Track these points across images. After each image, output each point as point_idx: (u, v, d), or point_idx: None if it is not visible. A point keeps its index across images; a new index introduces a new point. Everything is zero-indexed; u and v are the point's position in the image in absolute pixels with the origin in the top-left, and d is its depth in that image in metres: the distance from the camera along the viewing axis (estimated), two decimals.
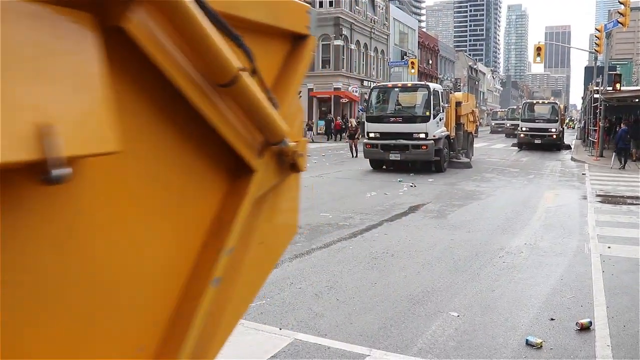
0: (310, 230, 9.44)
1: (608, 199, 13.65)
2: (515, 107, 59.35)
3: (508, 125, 51.14)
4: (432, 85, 19.77)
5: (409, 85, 21.35)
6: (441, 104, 19.31)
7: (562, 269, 7.26)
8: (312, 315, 5.42)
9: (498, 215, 11.29)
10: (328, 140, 40.30)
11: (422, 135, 18.32)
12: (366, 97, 21.18)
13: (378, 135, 19.15)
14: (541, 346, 4.73)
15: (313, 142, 38.66)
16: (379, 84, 21.40)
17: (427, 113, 18.50)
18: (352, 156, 25.80)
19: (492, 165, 22.89)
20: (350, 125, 32.46)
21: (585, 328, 5.13)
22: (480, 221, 10.57)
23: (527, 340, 4.82)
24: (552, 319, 5.40)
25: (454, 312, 5.52)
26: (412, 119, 18.78)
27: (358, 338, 4.89)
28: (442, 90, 20.29)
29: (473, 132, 26.24)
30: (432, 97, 18.67)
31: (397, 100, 19.87)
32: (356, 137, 27.02)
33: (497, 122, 63.54)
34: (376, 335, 4.95)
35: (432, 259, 7.67)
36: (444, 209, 11.97)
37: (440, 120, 19.24)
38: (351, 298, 5.94)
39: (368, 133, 19.67)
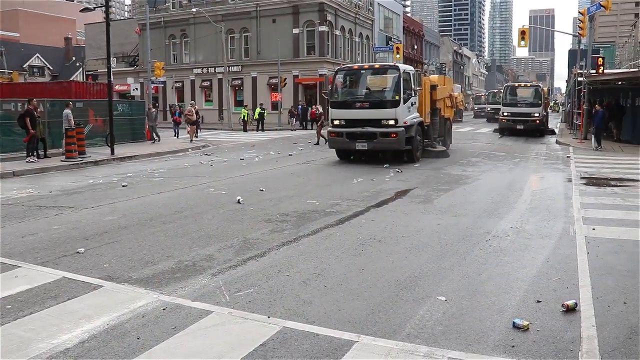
0: (297, 218, 9.44)
1: (592, 181, 13.77)
2: (496, 90, 58.50)
3: (489, 109, 50.59)
4: (403, 67, 17.93)
5: (377, 66, 19.21)
6: (413, 87, 17.64)
7: (548, 251, 7.31)
8: (300, 303, 5.43)
9: (484, 199, 11.35)
10: (305, 128, 40.14)
11: (392, 122, 16.76)
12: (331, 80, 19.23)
13: (343, 122, 17.58)
14: (528, 328, 4.77)
15: (293, 130, 38.53)
16: (343, 66, 19.27)
17: (397, 97, 16.84)
18: (315, 143, 25.82)
19: (478, 150, 22.99)
20: (313, 110, 32.38)
21: (570, 309, 5.18)
22: (467, 205, 10.62)
23: (514, 322, 4.86)
24: (538, 301, 5.44)
25: (441, 297, 5.55)
26: (380, 104, 17.15)
27: (346, 324, 4.90)
28: (413, 72, 18.38)
29: (451, 118, 24.42)
30: (402, 79, 16.95)
31: (364, 84, 18.06)
32: (319, 123, 26.82)
33: (480, 106, 62.23)
34: (364, 322, 4.96)
35: (419, 243, 7.69)
36: (430, 193, 12.00)
37: (412, 105, 17.67)
38: (339, 285, 5.95)
39: (332, 120, 17.98)
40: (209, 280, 6.13)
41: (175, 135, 31.48)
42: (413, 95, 17.70)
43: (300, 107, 42.72)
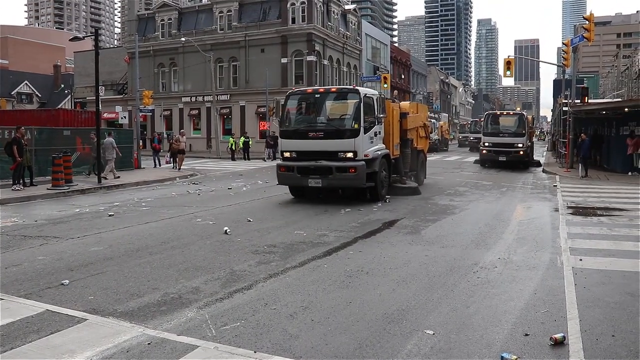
0: (285, 249, 9.40)
1: (579, 210, 13.86)
2: (478, 119, 57.38)
3: (472, 138, 49.50)
4: (364, 90, 15.50)
5: (334, 90, 16.26)
6: (377, 114, 15.38)
7: (536, 283, 7.31)
8: (287, 337, 5.37)
9: (472, 229, 11.37)
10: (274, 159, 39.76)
11: (350, 155, 14.51)
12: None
13: (294, 154, 15.25)
14: None
15: (265, 160, 37.86)
16: (296, 89, 16.70)
17: (356, 126, 14.52)
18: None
19: (466, 179, 23.12)
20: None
21: (559, 343, 5.16)
22: (455, 236, 10.63)
23: (502, 357, 4.82)
24: (526, 335, 5.42)
25: (429, 330, 5.51)
26: (336, 134, 14.75)
27: (333, 359, 4.85)
28: (377, 97, 15.82)
29: (425, 150, 21.70)
30: (362, 105, 14.63)
31: (319, 110, 15.61)
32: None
33: (464, 135, 62.06)
34: (352, 356, 4.91)
35: (407, 275, 7.67)
36: (418, 224, 12.01)
37: (375, 135, 15.35)
38: (326, 318, 5.90)
39: (282, 152, 15.74)
40: (195, 313, 6.06)
41: (155, 165, 30.24)
42: (377, 123, 15.41)
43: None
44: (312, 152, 14.88)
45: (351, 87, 15.42)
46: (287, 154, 15.51)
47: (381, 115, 15.70)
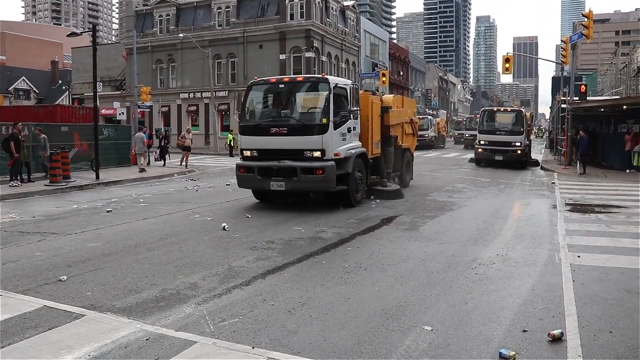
0: (283, 245, 9.40)
1: (577, 207, 13.87)
2: (473, 115, 56.28)
3: (467, 135, 48.44)
4: (334, 80, 13.43)
5: (300, 79, 14.64)
6: (350, 107, 13.57)
7: (534, 279, 7.32)
8: (285, 333, 5.37)
9: (470, 226, 11.37)
10: None
11: (317, 154, 12.76)
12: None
13: (255, 153, 13.52)
14: (514, 359, 4.75)
15: None
16: (258, 79, 14.40)
17: (325, 120, 12.70)
18: None
19: (464, 175, 23.12)
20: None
21: (557, 339, 5.16)
22: (453, 232, 10.63)
23: (500, 353, 4.83)
24: (524, 331, 5.43)
25: (427, 326, 5.51)
26: (302, 130, 12.93)
27: (332, 355, 4.85)
28: (351, 87, 13.84)
29: (412, 149, 19.85)
30: (332, 96, 12.79)
31: (283, 103, 13.92)
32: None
33: (459, 132, 60.72)
34: (350, 352, 4.91)
35: (405, 272, 7.67)
36: (416, 220, 12.02)
37: (349, 131, 13.54)
38: (324, 314, 5.90)
39: (242, 150, 13.93)
40: (193, 309, 6.05)
41: (147, 163, 28.09)
42: (351, 118, 13.62)
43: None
44: (275, 151, 13.10)
45: (320, 75, 13.44)
46: (247, 153, 13.70)
47: (355, 109, 13.80)
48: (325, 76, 13.37)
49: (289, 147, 12.98)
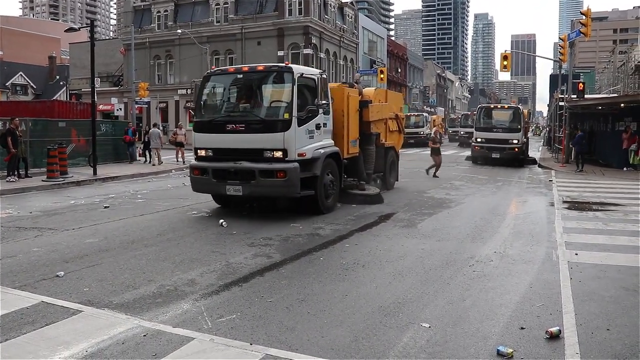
0: (281, 241, 9.39)
1: (575, 205, 13.88)
2: (469, 112, 54.83)
3: (462, 133, 47.35)
4: (300, 69, 12.02)
5: (261, 68, 12.40)
6: (318, 100, 11.91)
7: (531, 276, 7.33)
8: (283, 330, 5.36)
9: (468, 223, 11.37)
10: None
11: (278, 154, 11.21)
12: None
13: (210, 153, 11.98)
14: (512, 356, 4.75)
15: None
16: (215, 69, 13.26)
17: (287, 115, 11.19)
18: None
19: (462, 173, 23.13)
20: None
21: (554, 336, 5.17)
22: (450, 229, 10.63)
23: (498, 350, 4.83)
24: (522, 328, 5.43)
25: (425, 323, 5.51)
26: (261, 127, 11.43)
27: (329, 352, 4.85)
28: (318, 77, 12.11)
29: (398, 147, 18.24)
30: (295, 87, 11.25)
31: (242, 95, 12.42)
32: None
33: (453, 129, 58.13)
34: (347, 349, 4.91)
35: (403, 269, 7.67)
36: (414, 217, 12.02)
37: (318, 128, 12.00)
38: (322, 311, 5.89)
39: (196, 150, 12.31)
40: (191, 305, 6.05)
41: (129, 160, 27.28)
42: (320, 112, 12.08)
43: None
44: (232, 150, 11.57)
45: (283, 64, 11.86)
46: (201, 152, 12.15)
47: (324, 102, 12.10)
48: (289, 65, 11.74)
49: (247, 146, 11.41)
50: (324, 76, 12.43)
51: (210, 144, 11.95)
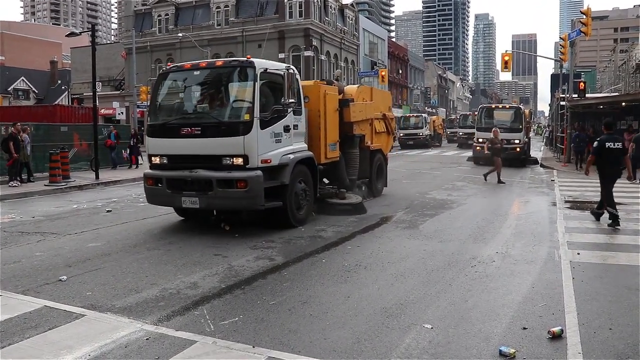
0: (283, 243, 9.40)
1: (576, 204, 13.88)
2: (468, 113, 53.94)
3: (460, 134, 46.45)
4: (263, 63, 10.48)
5: (220, 64, 11.17)
6: (286, 99, 10.43)
7: (534, 276, 7.33)
8: (285, 332, 5.37)
9: (470, 224, 11.37)
10: None
11: (239, 161, 9.90)
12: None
13: (165, 160, 10.66)
14: (514, 356, 4.75)
15: None
16: (172, 65, 12.05)
17: (247, 117, 9.85)
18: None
19: (463, 173, 23.12)
20: None
21: (557, 336, 5.17)
22: (452, 230, 10.63)
23: (500, 350, 4.84)
24: (524, 328, 5.43)
25: (427, 324, 5.52)
26: (219, 130, 10.03)
27: (332, 354, 4.85)
28: (284, 72, 10.56)
29: (386, 150, 16.81)
30: (257, 85, 9.91)
31: (199, 94, 11.17)
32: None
33: (452, 130, 57.12)
34: (350, 351, 4.92)
35: (405, 270, 7.67)
36: (415, 219, 12.02)
37: (286, 130, 10.65)
38: (324, 313, 5.90)
39: (150, 157, 11.00)
40: (194, 308, 6.06)
41: (112, 166, 25.31)
42: (288, 113, 10.70)
43: None
44: (188, 157, 10.26)
45: (244, 58, 10.50)
46: (155, 160, 10.82)
47: (291, 101, 10.59)
48: (251, 59, 10.32)
49: (203, 152, 10.09)
50: (292, 71, 10.85)
51: (165, 150, 10.63)
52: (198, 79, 11.23)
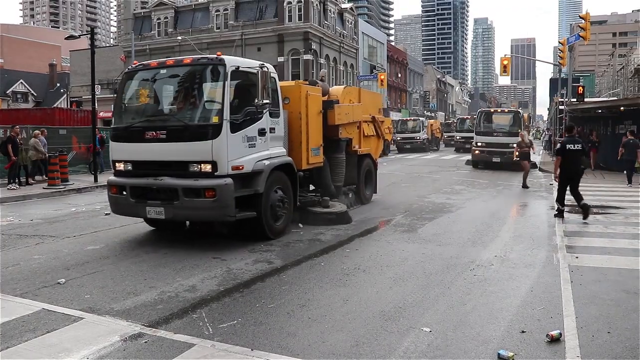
0: (282, 247, 9.40)
1: (575, 208, 13.85)
2: (466, 117, 53.18)
3: (458, 137, 45.76)
4: (234, 61, 9.68)
5: (188, 61, 9.92)
6: (259, 99, 9.46)
7: (532, 280, 7.33)
8: (284, 335, 5.37)
9: (468, 227, 11.37)
10: None
11: (207, 167, 9.03)
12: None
13: (129, 167, 9.82)
14: None
15: None
16: (138, 63, 10.75)
17: (216, 119, 8.99)
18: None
19: (462, 177, 23.14)
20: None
21: (555, 339, 5.17)
22: (451, 234, 10.64)
23: (499, 354, 4.84)
24: (523, 332, 5.43)
25: (426, 328, 5.52)
26: (185, 134, 9.20)
27: (330, 357, 4.85)
28: (260, 71, 9.50)
29: (375, 155, 15.85)
30: (227, 84, 9.10)
31: (165, 95, 10.35)
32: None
33: (449, 134, 55.99)
34: (348, 354, 4.92)
35: (404, 273, 7.68)
36: (414, 222, 12.02)
37: (261, 134, 9.77)
38: (323, 316, 5.90)
39: (114, 162, 10.13)
40: (192, 311, 6.05)
41: (101, 171, 22.62)
42: (263, 115, 9.82)
43: None
44: (153, 164, 9.46)
45: (214, 56, 9.60)
46: (119, 166, 9.95)
47: (266, 102, 9.62)
48: (221, 56, 9.46)
49: (169, 158, 9.29)
50: (267, 69, 9.76)
51: (129, 156, 9.79)
52: (165, 78, 10.20)
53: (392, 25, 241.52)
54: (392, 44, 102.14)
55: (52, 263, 8.37)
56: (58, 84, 73.75)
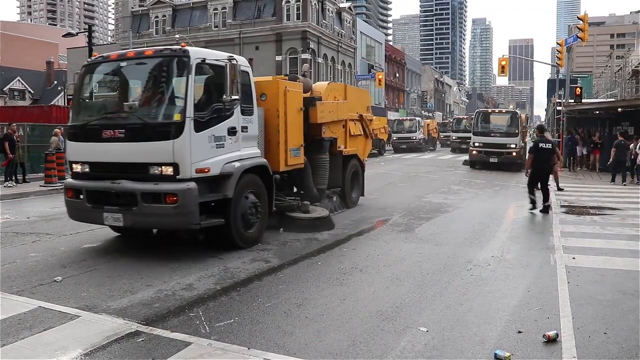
0: (279, 246, 9.39)
1: (572, 209, 13.91)
2: (462, 117, 52.90)
3: (454, 138, 45.37)
4: (200, 52, 8.82)
5: (149, 53, 9.01)
6: (228, 95, 8.47)
7: (529, 280, 7.34)
8: (281, 334, 5.37)
9: (465, 227, 11.38)
10: None
11: (168, 170, 8.16)
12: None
13: (86, 169, 8.91)
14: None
15: None
16: (98, 56, 9.65)
17: (178, 117, 8.12)
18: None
19: (460, 177, 23.15)
20: None
21: (552, 340, 5.18)
22: (448, 234, 10.65)
23: (495, 354, 4.84)
24: (519, 332, 5.44)
25: (423, 328, 5.52)
26: (144, 132, 8.32)
27: (327, 356, 4.85)
28: (228, 64, 8.52)
29: (363, 156, 15.00)
30: (191, 78, 8.25)
31: (126, 90, 9.39)
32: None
33: (445, 134, 55.44)
34: (345, 353, 4.92)
35: (401, 273, 7.68)
36: (411, 222, 12.03)
37: (232, 133, 8.88)
38: (320, 315, 5.90)
39: (70, 164, 9.32)
40: (189, 310, 6.05)
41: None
42: (233, 112, 8.94)
43: None
44: (111, 165, 8.59)
45: (178, 47, 8.73)
46: (76, 168, 9.07)
47: (235, 98, 8.63)
48: (185, 47, 8.60)
49: (128, 159, 8.42)
50: (236, 62, 8.78)
51: (86, 157, 8.90)
52: (125, 72, 9.40)
53: (390, 25, 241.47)
54: (390, 43, 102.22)
55: (48, 261, 8.36)
56: (55, 82, 73.60)
